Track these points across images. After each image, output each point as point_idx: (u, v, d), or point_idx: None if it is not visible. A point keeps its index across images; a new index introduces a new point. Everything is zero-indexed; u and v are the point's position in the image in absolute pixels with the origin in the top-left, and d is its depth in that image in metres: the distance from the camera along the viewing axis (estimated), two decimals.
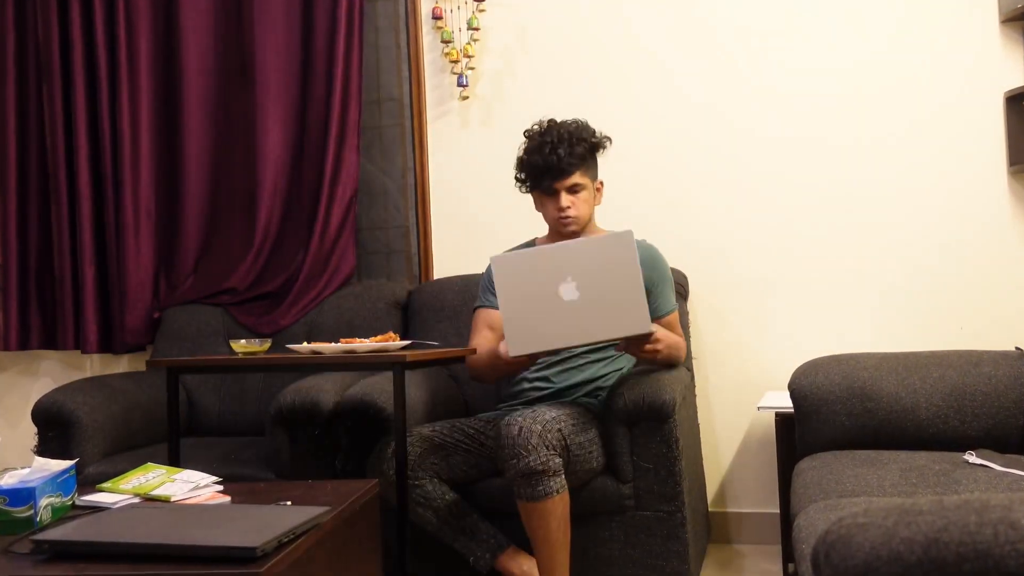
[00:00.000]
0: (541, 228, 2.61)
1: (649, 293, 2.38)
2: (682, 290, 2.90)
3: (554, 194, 2.43)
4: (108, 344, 3.35)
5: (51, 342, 3.41)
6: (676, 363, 2.46)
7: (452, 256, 3.24)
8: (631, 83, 3.10)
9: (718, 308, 3.03)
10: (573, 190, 2.43)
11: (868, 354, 2.36)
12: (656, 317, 2.39)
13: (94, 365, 3.49)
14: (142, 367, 3.32)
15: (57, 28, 3.34)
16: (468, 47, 3.16)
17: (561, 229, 2.46)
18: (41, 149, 3.40)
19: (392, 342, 2.16)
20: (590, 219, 2.50)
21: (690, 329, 2.90)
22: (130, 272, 3.25)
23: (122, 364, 3.45)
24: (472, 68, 3.19)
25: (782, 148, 2.99)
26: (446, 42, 3.19)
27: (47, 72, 3.35)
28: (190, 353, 3.14)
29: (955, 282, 2.86)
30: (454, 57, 3.17)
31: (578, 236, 2.45)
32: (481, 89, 3.22)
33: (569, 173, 2.41)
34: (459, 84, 3.18)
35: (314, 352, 2.17)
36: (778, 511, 2.71)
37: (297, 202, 3.25)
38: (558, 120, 2.48)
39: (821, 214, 2.95)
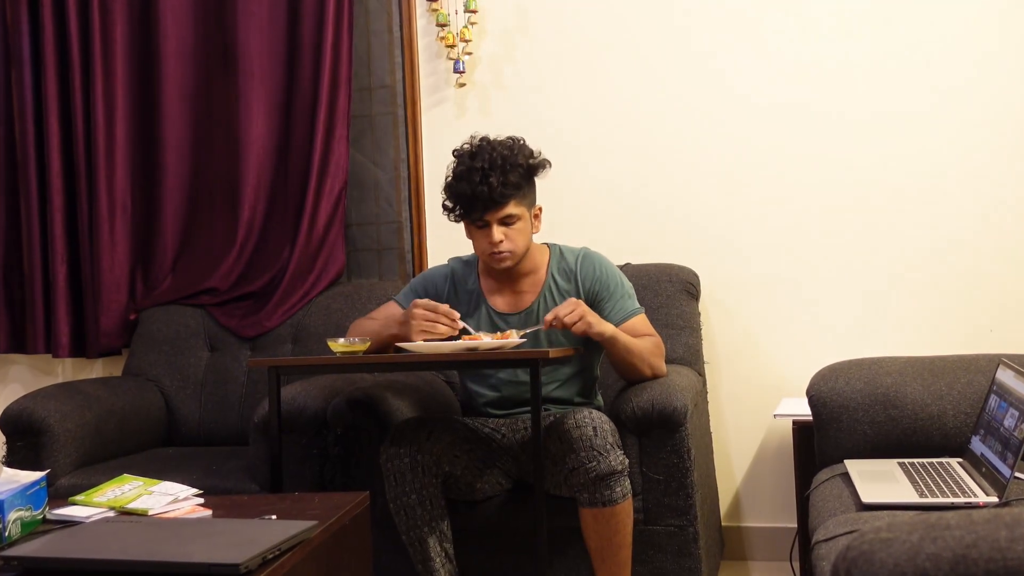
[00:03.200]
0: (543, 225, 2.60)
1: (598, 308, 2.37)
2: (693, 289, 2.91)
3: (486, 226, 2.33)
4: (81, 347, 3.34)
5: (20, 345, 3.41)
6: (655, 369, 2.40)
7: (447, 253, 3.21)
8: (638, 69, 3.10)
9: (731, 309, 3.03)
10: (506, 221, 2.32)
11: (892, 358, 2.36)
12: (615, 325, 2.35)
13: (66, 370, 3.49)
14: (117, 372, 3.32)
15: (27, 10, 3.34)
16: (465, 31, 3.16)
17: (494, 265, 2.38)
18: (9, 139, 3.39)
19: (509, 339, 2.19)
20: (527, 249, 2.40)
21: (702, 331, 2.90)
22: (104, 271, 3.25)
23: (96, 369, 3.44)
24: (469, 53, 3.19)
25: (801, 138, 2.98)
26: (441, 26, 3.19)
27: (16, 57, 3.35)
28: (168, 358, 3.14)
29: (984, 282, 2.86)
30: (450, 42, 3.17)
31: (511, 271, 2.40)
32: (479, 76, 3.23)
33: (502, 204, 2.30)
34: (455, 70, 3.18)
35: (435, 351, 2.20)
36: (795, 526, 2.71)
37: (283, 196, 3.25)
38: (491, 139, 2.36)
39: (842, 209, 2.95)
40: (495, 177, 2.28)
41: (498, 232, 2.33)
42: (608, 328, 2.29)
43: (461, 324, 2.29)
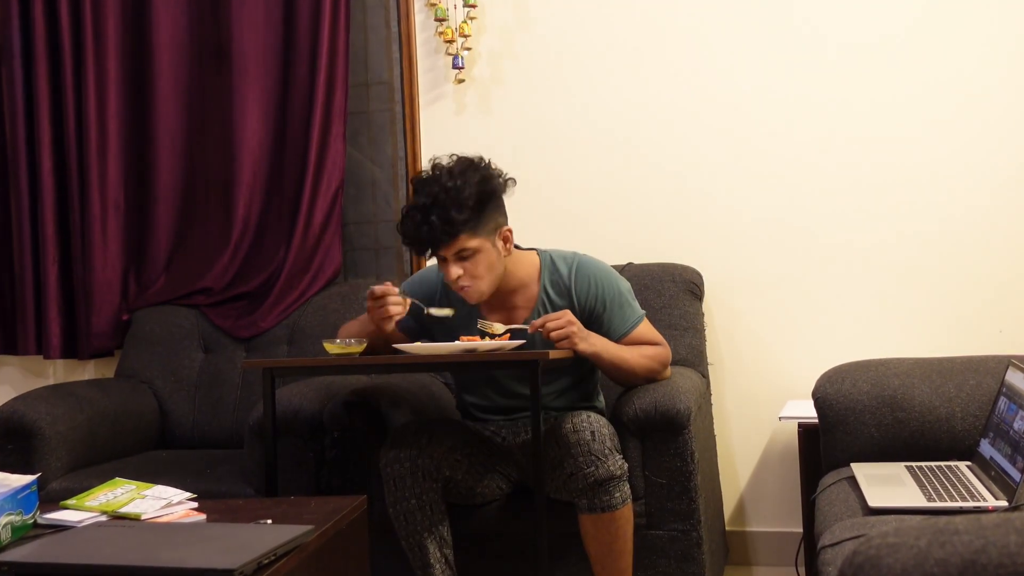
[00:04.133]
0: (544, 224, 2.60)
1: (597, 322, 2.35)
2: (696, 289, 2.91)
3: (443, 260, 2.26)
4: (72, 349, 3.34)
5: (10, 347, 3.41)
6: (653, 378, 2.39)
7: None
8: (642, 63, 3.10)
9: (735, 309, 3.03)
10: (462, 255, 2.24)
11: (899, 359, 2.36)
12: (615, 340, 2.35)
13: (57, 372, 3.49)
14: (109, 373, 3.32)
15: (17, 5, 3.34)
16: (464, 26, 3.16)
17: (465, 298, 2.33)
18: None
19: (506, 341, 2.19)
20: (498, 277, 2.31)
21: (705, 332, 2.90)
22: (96, 270, 3.25)
23: (88, 370, 3.45)
24: (468, 48, 3.19)
25: (808, 134, 2.98)
26: (440, 20, 3.19)
27: (6, 53, 3.35)
28: (162, 359, 3.15)
29: (994, 282, 2.86)
30: (449, 37, 3.17)
31: (481, 303, 2.35)
32: (478, 71, 3.22)
33: (447, 243, 2.21)
34: (454, 66, 3.18)
35: (431, 352, 2.20)
36: (801, 530, 2.72)
37: (278, 194, 3.25)
38: (442, 167, 2.26)
39: (849, 207, 2.95)
40: (436, 215, 2.19)
41: (455, 269, 2.25)
42: (596, 345, 2.27)
43: (407, 297, 2.26)
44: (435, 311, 2.30)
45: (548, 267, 2.42)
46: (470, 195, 2.22)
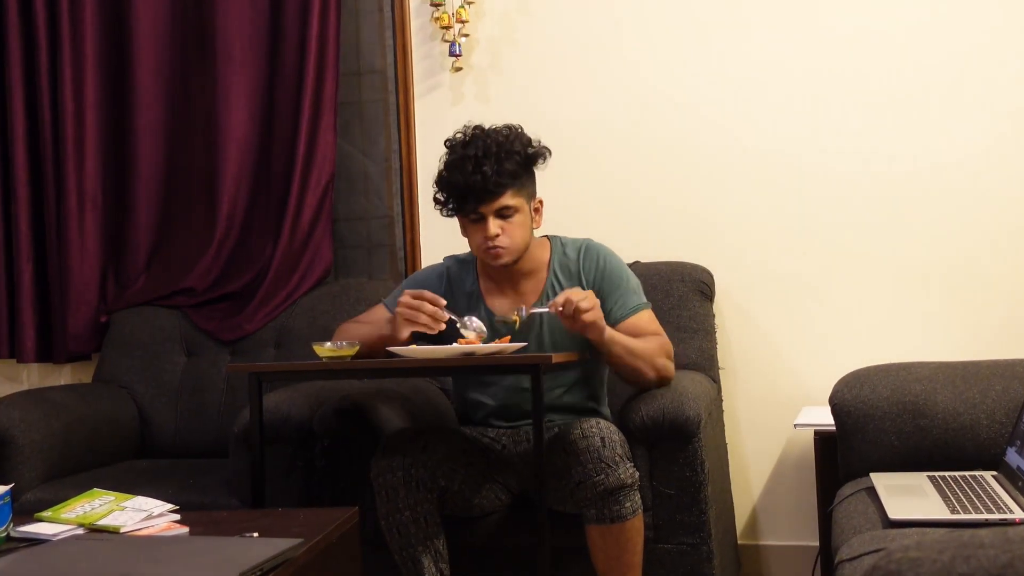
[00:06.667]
0: (546, 221, 2.60)
1: (601, 302, 2.34)
2: (707, 289, 2.91)
3: (481, 220, 2.32)
4: (48, 352, 3.35)
5: None
6: (660, 370, 2.37)
7: (442, 251, 3.20)
8: (648, 51, 3.10)
9: (748, 310, 3.03)
10: (503, 214, 2.31)
11: (921, 363, 2.36)
12: (614, 323, 2.35)
13: (31, 376, 3.49)
14: (87, 378, 3.32)
15: None
16: (461, 11, 3.16)
17: (491, 262, 2.36)
18: None
19: (507, 343, 2.20)
20: (527, 246, 2.38)
21: (716, 335, 2.91)
22: (73, 269, 3.26)
23: (64, 375, 3.45)
24: (466, 35, 3.19)
25: (824, 129, 2.98)
26: (436, 5, 3.19)
27: None
28: (142, 363, 3.15)
29: (1021, 282, 2.86)
30: (445, 23, 3.17)
31: (510, 268, 2.38)
32: (476, 59, 3.23)
33: (497, 195, 2.29)
34: (451, 53, 3.18)
35: (429, 355, 2.21)
36: (817, 544, 2.72)
37: (265, 189, 3.25)
38: (486, 127, 2.36)
39: (867, 204, 2.95)
40: (489, 165, 2.28)
41: (494, 225, 2.32)
42: (609, 330, 2.28)
43: (447, 315, 2.28)
44: (467, 334, 2.28)
45: (558, 252, 2.48)
46: (521, 149, 2.34)
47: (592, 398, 2.50)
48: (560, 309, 2.21)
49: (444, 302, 2.28)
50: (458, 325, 2.31)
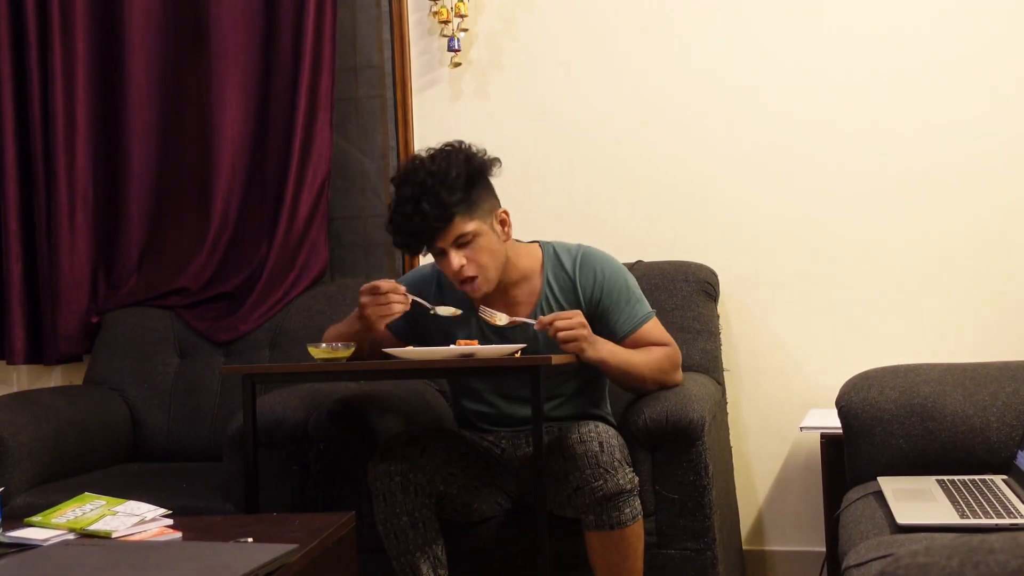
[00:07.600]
0: (546, 218, 2.60)
1: (603, 317, 2.36)
2: (711, 290, 2.91)
3: (442, 254, 2.28)
4: (38, 354, 3.34)
5: None
6: (663, 384, 2.39)
7: None
8: (651, 48, 3.10)
9: (753, 311, 3.03)
10: (461, 243, 2.26)
11: (930, 365, 2.36)
12: (620, 339, 2.36)
13: (21, 378, 3.49)
14: (77, 380, 3.32)
15: None
16: (460, 5, 3.16)
17: (469, 294, 2.33)
18: None
19: (508, 346, 2.20)
20: (501, 264, 2.33)
21: (720, 336, 2.91)
22: (64, 269, 3.25)
23: (54, 377, 3.45)
24: (465, 30, 3.19)
25: (831, 125, 2.98)
26: None
27: None
28: (134, 365, 3.15)
29: None
30: (444, 17, 3.17)
31: (489, 294, 2.34)
32: (475, 54, 3.23)
33: (444, 228, 2.23)
34: (450, 48, 3.18)
35: (425, 357, 2.20)
36: (824, 549, 2.72)
37: (259, 186, 3.25)
38: (422, 157, 2.30)
39: (875, 202, 2.95)
40: (427, 201, 2.21)
41: (456, 257, 2.26)
42: (602, 351, 2.28)
43: (411, 296, 2.26)
44: (442, 310, 2.30)
45: (551, 259, 2.43)
46: (459, 174, 2.25)
47: (592, 405, 2.49)
48: (547, 329, 2.21)
49: (403, 288, 2.26)
50: (431, 312, 2.30)
